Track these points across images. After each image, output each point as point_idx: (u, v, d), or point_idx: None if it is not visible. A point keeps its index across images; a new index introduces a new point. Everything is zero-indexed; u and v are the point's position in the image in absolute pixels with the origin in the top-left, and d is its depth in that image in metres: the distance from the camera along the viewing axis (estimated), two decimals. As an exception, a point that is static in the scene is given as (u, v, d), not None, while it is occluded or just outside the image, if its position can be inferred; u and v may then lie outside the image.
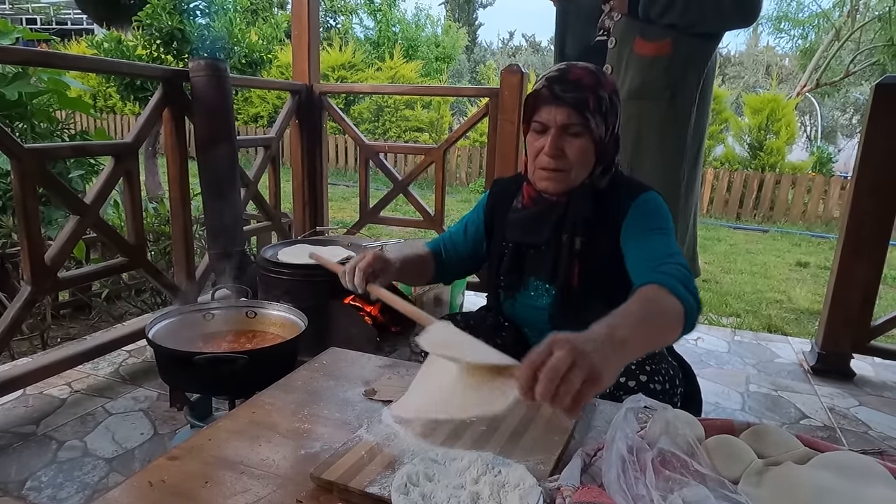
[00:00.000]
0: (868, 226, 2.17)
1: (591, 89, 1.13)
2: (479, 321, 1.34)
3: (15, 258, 2.65)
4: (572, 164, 1.16)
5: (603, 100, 1.14)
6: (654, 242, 1.12)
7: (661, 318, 0.92)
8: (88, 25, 17.96)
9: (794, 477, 0.74)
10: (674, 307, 0.94)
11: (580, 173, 1.18)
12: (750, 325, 3.46)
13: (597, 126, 1.14)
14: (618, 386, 1.12)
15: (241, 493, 0.78)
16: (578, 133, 1.14)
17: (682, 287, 0.97)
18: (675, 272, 1.01)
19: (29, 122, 2.96)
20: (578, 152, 1.15)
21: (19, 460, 1.54)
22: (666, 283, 0.96)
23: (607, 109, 1.15)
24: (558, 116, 1.13)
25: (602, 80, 1.15)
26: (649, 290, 0.96)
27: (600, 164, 1.19)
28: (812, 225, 7.62)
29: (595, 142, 1.15)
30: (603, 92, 1.14)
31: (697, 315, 0.99)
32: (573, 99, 1.12)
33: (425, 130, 10.93)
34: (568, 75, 1.14)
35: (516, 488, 0.74)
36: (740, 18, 1.76)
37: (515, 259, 1.29)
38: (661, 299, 0.94)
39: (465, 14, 26.50)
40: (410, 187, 2.96)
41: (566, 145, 1.14)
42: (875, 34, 10.81)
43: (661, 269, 1.04)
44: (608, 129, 1.17)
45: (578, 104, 1.12)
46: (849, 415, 2.01)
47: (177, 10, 5.32)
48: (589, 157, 1.17)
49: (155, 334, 1.45)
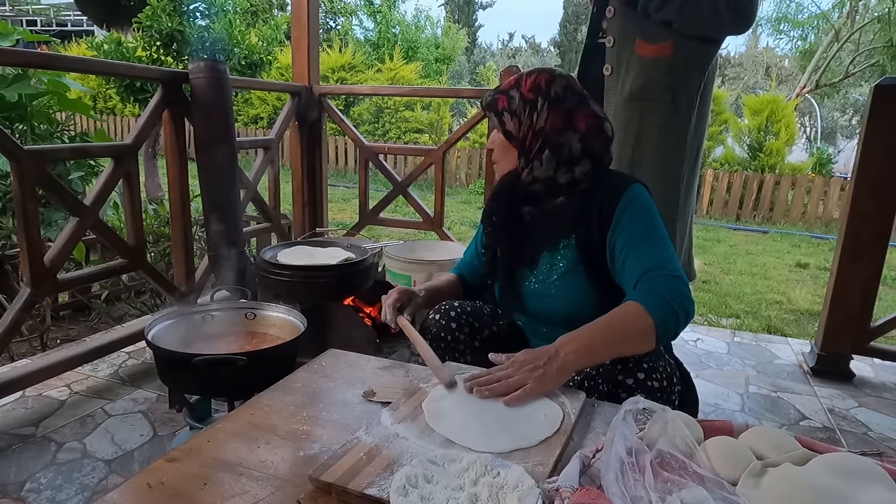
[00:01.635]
0: (867, 227, 2.17)
1: (502, 91, 1.27)
2: (477, 310, 1.39)
3: (14, 260, 2.65)
4: (496, 158, 1.32)
5: (512, 99, 1.25)
6: (646, 249, 1.16)
7: (626, 340, 1.07)
8: (88, 27, 17.98)
9: (793, 478, 0.73)
10: (643, 327, 1.05)
11: (503, 164, 1.31)
12: (749, 327, 3.46)
13: (506, 122, 1.25)
14: (616, 383, 1.12)
15: (240, 494, 0.78)
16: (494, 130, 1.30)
17: (662, 306, 1.06)
18: (660, 288, 1.09)
19: (29, 124, 2.96)
20: (494, 146, 1.31)
21: (18, 462, 1.54)
22: (645, 303, 1.07)
23: (517, 108, 1.24)
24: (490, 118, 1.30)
25: (521, 82, 1.25)
26: (626, 309, 1.08)
27: (523, 157, 1.26)
28: (812, 226, 7.62)
29: (506, 134, 1.26)
30: (514, 92, 1.25)
31: (678, 328, 1.09)
32: (485, 103, 1.30)
33: (425, 132, 10.94)
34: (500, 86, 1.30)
35: (515, 490, 0.74)
36: (734, 24, 1.76)
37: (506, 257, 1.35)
38: (633, 320, 1.06)
39: (464, 15, 26.54)
40: (410, 189, 2.96)
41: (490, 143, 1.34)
42: (874, 35, 10.82)
43: (648, 284, 1.11)
44: (521, 124, 1.25)
45: (488, 107, 1.29)
46: (848, 416, 2.01)
47: (177, 12, 5.33)
48: (505, 149, 1.29)
49: (154, 336, 1.45)
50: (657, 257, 1.14)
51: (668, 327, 1.07)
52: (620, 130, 1.87)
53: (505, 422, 0.94)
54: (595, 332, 1.06)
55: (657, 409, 0.84)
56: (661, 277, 1.10)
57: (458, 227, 6.39)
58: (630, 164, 1.86)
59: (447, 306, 1.37)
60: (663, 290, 1.08)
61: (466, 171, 9.76)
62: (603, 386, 1.14)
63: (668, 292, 1.08)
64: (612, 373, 1.13)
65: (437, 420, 0.94)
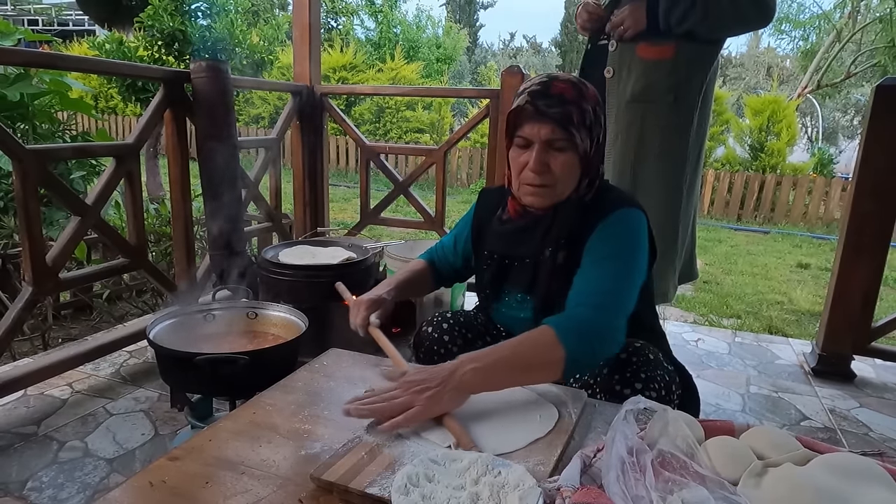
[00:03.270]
0: (869, 227, 2.17)
1: (574, 103, 1.11)
2: (470, 319, 1.37)
3: (16, 259, 2.65)
4: (557, 179, 1.14)
5: (587, 112, 1.12)
6: (597, 273, 1.10)
7: (533, 369, 1.00)
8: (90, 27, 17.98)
9: (794, 478, 0.74)
10: (553, 358, 0.99)
11: (565, 188, 1.16)
12: (751, 327, 3.46)
13: (581, 140, 1.12)
14: (613, 394, 1.11)
15: (242, 493, 0.78)
16: (563, 148, 1.12)
17: (578, 339, 1.00)
18: (583, 319, 1.04)
19: (30, 123, 2.96)
20: (563, 167, 1.13)
21: (20, 461, 1.54)
22: (561, 333, 1.00)
23: (591, 122, 1.13)
24: (542, 131, 1.11)
25: (585, 93, 1.13)
26: (540, 335, 1.01)
27: (586, 178, 1.17)
28: (813, 226, 7.62)
29: (580, 155, 1.13)
30: (586, 105, 1.12)
31: (593, 361, 1.06)
32: (557, 114, 1.09)
33: (426, 131, 10.94)
34: (550, 89, 1.11)
35: (516, 489, 0.74)
36: (758, 19, 1.75)
37: (498, 270, 1.29)
38: (544, 349, 0.99)
39: (466, 15, 26.52)
40: (411, 188, 2.96)
41: (551, 160, 1.12)
42: (876, 36, 10.80)
43: (575, 311, 1.06)
44: (592, 142, 1.15)
45: (562, 119, 1.09)
46: (849, 416, 2.01)
47: (178, 12, 5.34)
48: (574, 172, 1.15)
49: (156, 335, 1.45)
50: (600, 286, 1.08)
51: (580, 360, 1.01)
52: (623, 133, 1.87)
53: (496, 424, 0.94)
54: (500, 356, 0.99)
55: (658, 408, 0.84)
56: (586, 307, 1.05)
57: (459, 226, 6.37)
58: (633, 167, 1.86)
59: (439, 318, 1.35)
60: (585, 322, 1.03)
61: (468, 170, 9.76)
62: (600, 396, 1.13)
63: (589, 325, 1.03)
64: (609, 383, 1.12)
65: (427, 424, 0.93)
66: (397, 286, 1.35)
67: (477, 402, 0.98)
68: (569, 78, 1.15)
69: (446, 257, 1.46)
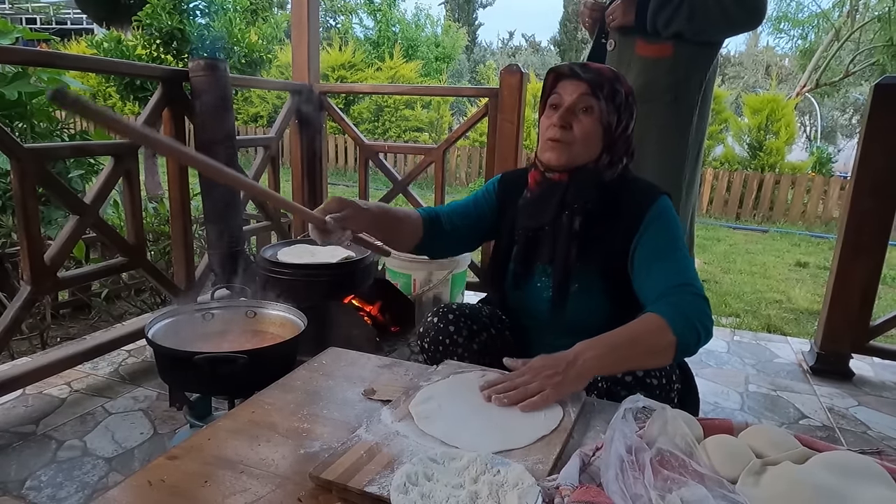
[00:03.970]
0: (867, 226, 2.17)
1: (609, 79, 1.19)
2: (475, 311, 1.36)
3: (14, 258, 2.65)
4: (576, 139, 1.19)
5: (618, 93, 1.19)
6: (671, 264, 1.15)
7: (646, 354, 1.05)
8: (88, 25, 17.96)
9: (793, 477, 0.74)
10: (665, 343, 1.03)
11: (582, 151, 1.20)
12: (749, 325, 3.46)
13: (608, 112, 1.18)
14: (615, 381, 1.13)
15: (241, 492, 0.78)
16: (588, 111, 1.18)
17: (685, 323, 1.04)
18: (684, 305, 1.08)
19: (29, 122, 2.96)
20: (585, 130, 1.18)
21: (19, 460, 1.54)
22: (669, 318, 1.04)
23: (621, 103, 1.20)
24: (573, 90, 1.18)
25: (621, 79, 1.22)
26: (649, 322, 1.05)
27: (607, 154, 1.21)
28: (811, 225, 7.63)
29: (603, 126, 1.19)
30: (619, 87, 1.20)
31: (697, 346, 1.07)
32: (590, 78, 1.17)
33: (425, 130, 10.94)
34: (590, 65, 1.22)
35: (515, 488, 0.74)
36: (747, 21, 1.75)
37: (527, 246, 1.30)
38: (656, 334, 1.04)
39: (464, 14, 26.52)
40: (410, 187, 2.96)
41: (575, 121, 1.18)
42: (874, 34, 10.82)
43: (673, 299, 1.09)
44: (619, 122, 1.20)
45: (594, 83, 1.17)
46: (847, 415, 2.02)
47: (177, 10, 5.33)
48: (594, 139, 1.20)
49: (154, 334, 1.45)
50: (684, 275, 1.13)
51: (689, 345, 1.06)
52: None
53: (498, 421, 0.94)
54: (616, 342, 1.04)
55: (657, 407, 0.84)
56: (689, 295, 1.10)
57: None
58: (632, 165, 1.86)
59: (445, 309, 1.35)
60: (688, 307, 1.08)
61: (466, 169, 9.75)
62: (602, 383, 1.14)
63: (693, 310, 1.07)
64: None
65: (426, 422, 0.93)
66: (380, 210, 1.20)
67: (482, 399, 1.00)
68: (610, 67, 1.26)
69: (454, 216, 1.37)
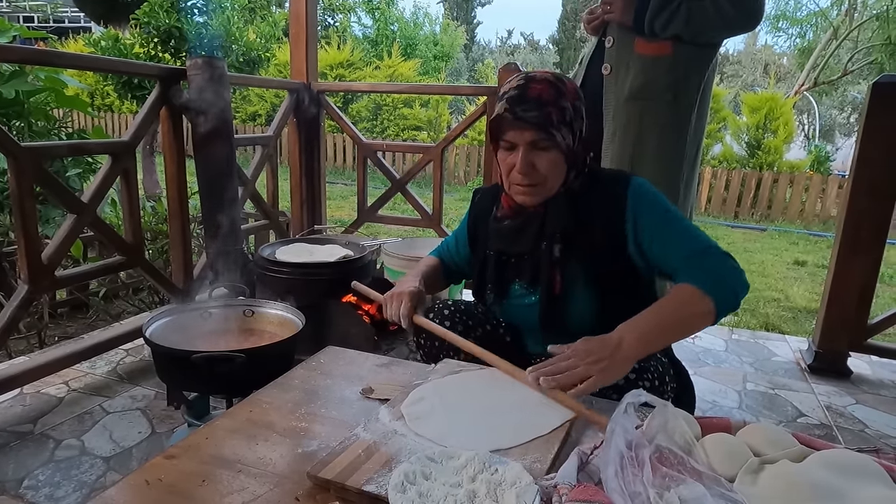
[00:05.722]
0: (865, 224, 2.17)
1: (552, 104, 1.13)
2: (470, 307, 1.38)
3: (12, 257, 2.64)
4: (545, 177, 1.17)
5: (565, 110, 1.15)
6: (682, 232, 1.18)
7: (688, 324, 1.08)
8: (86, 23, 17.91)
9: (791, 475, 0.74)
10: (704, 309, 1.06)
11: (554, 183, 1.20)
12: (747, 324, 3.47)
13: (563, 138, 1.15)
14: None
15: (238, 491, 0.78)
16: (547, 147, 1.15)
17: (720, 285, 1.08)
18: (715, 266, 1.11)
19: (26, 121, 2.94)
20: (549, 165, 1.16)
21: (17, 459, 1.54)
22: (702, 284, 1.07)
23: (571, 118, 1.16)
24: (524, 136, 1.14)
25: (562, 90, 1.15)
26: (684, 293, 1.08)
27: (572, 170, 1.21)
28: (810, 223, 7.64)
29: (564, 153, 1.17)
30: (564, 102, 1.14)
31: (738, 301, 1.11)
32: (535, 118, 1.12)
33: (423, 129, 10.93)
34: (528, 92, 1.13)
35: (513, 486, 0.74)
36: (744, 23, 1.76)
37: (499, 267, 1.31)
38: (694, 304, 1.06)
39: (463, 12, 26.49)
40: (408, 186, 2.96)
41: (536, 160, 1.16)
42: (873, 33, 10.82)
43: (702, 265, 1.12)
44: (575, 136, 1.18)
45: (542, 122, 1.12)
46: (845, 413, 2.02)
47: (174, 9, 5.31)
48: (560, 168, 1.18)
49: (152, 333, 1.45)
50: (700, 240, 1.15)
51: (728, 306, 1.08)
52: (620, 130, 1.87)
53: (492, 421, 0.94)
54: (657, 319, 1.05)
55: (658, 403, 0.84)
56: (713, 257, 1.12)
57: (456, 224, 6.35)
58: (631, 164, 1.86)
59: (440, 305, 1.36)
60: (719, 268, 1.10)
61: (465, 168, 9.75)
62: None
63: (724, 270, 1.10)
64: None
65: (417, 423, 0.92)
66: (423, 279, 1.38)
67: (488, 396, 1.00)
68: (545, 77, 1.17)
69: (451, 256, 1.52)
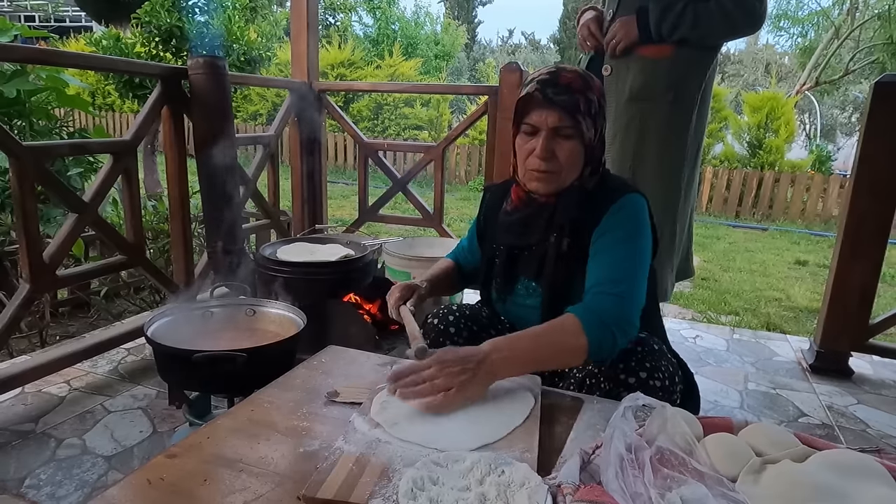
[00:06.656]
0: (867, 224, 2.17)
1: (581, 92, 1.15)
2: (476, 312, 1.38)
3: (13, 256, 2.64)
4: (563, 166, 1.18)
5: (592, 102, 1.17)
6: (611, 258, 1.14)
7: (557, 356, 1.07)
8: (87, 23, 17.91)
9: (792, 475, 0.74)
10: (576, 345, 1.04)
11: (569, 175, 1.20)
12: (749, 324, 3.46)
13: (587, 129, 1.16)
14: (617, 382, 1.12)
15: (240, 490, 0.78)
16: (569, 135, 1.16)
17: (600, 327, 1.05)
18: (603, 307, 1.09)
19: (27, 120, 2.95)
20: (569, 154, 1.17)
21: (18, 458, 1.54)
22: (584, 320, 1.05)
23: (595, 112, 1.18)
24: (550, 119, 1.15)
25: (591, 84, 1.18)
26: (565, 323, 1.07)
27: (589, 166, 1.21)
28: (811, 223, 7.63)
29: (584, 144, 1.18)
30: (591, 95, 1.17)
31: (614, 349, 1.08)
32: (565, 102, 1.13)
33: (424, 128, 10.93)
34: (559, 79, 1.15)
35: (522, 487, 0.74)
36: (749, 25, 1.78)
37: (508, 262, 1.31)
38: (567, 336, 1.05)
39: (464, 12, 26.46)
40: (409, 185, 2.96)
41: (556, 147, 1.16)
42: (874, 32, 10.81)
43: (600, 301, 1.10)
44: (596, 132, 1.19)
45: (570, 107, 1.14)
46: (847, 413, 2.02)
47: (175, 8, 5.31)
48: (578, 159, 1.19)
49: (154, 332, 1.45)
50: (614, 272, 1.12)
51: (602, 348, 1.06)
52: (621, 131, 1.87)
53: (469, 417, 0.94)
54: (528, 342, 1.05)
55: (657, 405, 0.84)
56: (608, 296, 1.09)
57: (457, 223, 6.38)
58: (632, 165, 1.86)
59: (445, 310, 1.36)
60: (606, 309, 1.08)
61: (466, 167, 9.74)
62: (605, 384, 1.14)
63: (610, 314, 1.07)
64: (613, 371, 1.13)
65: (397, 428, 0.90)
66: (430, 279, 1.40)
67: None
68: (575, 69, 1.20)
69: (466, 255, 1.51)
